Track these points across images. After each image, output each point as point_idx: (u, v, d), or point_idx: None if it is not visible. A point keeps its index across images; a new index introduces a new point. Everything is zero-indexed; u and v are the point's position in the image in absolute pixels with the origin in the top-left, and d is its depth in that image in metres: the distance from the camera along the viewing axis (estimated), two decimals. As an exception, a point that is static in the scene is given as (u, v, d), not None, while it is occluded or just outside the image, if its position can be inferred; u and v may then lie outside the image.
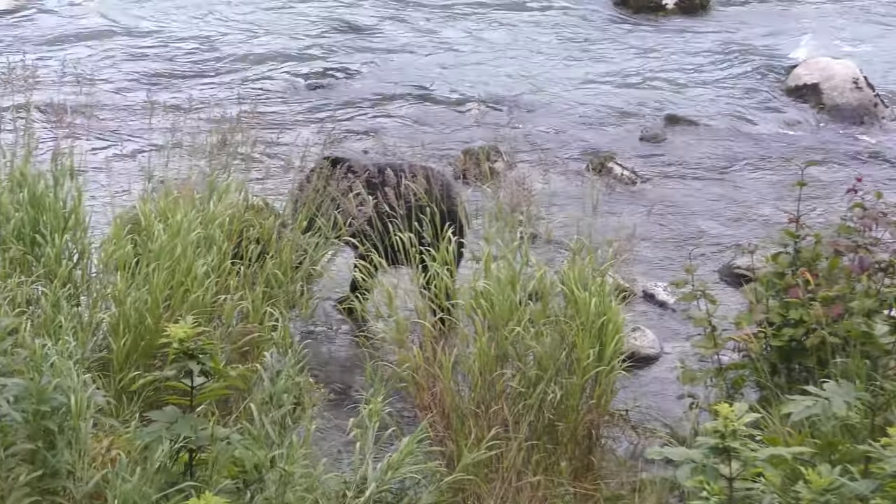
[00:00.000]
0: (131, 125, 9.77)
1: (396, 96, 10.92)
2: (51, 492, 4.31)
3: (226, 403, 5.72)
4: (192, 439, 4.49)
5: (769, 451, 4.12)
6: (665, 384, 6.69)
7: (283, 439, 4.86)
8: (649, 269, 8.00)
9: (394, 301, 6.24)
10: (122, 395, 5.54)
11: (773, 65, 11.77)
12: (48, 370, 4.46)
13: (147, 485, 4.31)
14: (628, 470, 5.74)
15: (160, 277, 5.91)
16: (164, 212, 6.37)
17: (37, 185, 6.21)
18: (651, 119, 10.65)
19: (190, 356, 4.60)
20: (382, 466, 4.89)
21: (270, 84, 11.04)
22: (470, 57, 11.98)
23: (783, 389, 5.57)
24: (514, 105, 10.82)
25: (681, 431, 5.88)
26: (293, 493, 4.62)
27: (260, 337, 6.12)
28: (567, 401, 5.70)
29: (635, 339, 7.03)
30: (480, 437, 5.42)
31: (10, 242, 6.00)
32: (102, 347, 5.76)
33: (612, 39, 12.54)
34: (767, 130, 10.50)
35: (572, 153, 9.90)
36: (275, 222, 6.74)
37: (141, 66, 11.23)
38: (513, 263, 6.01)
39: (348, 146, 9.52)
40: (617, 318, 5.83)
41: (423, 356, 5.77)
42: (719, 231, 8.71)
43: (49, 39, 11.66)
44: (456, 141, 10.06)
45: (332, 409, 6.16)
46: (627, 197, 9.17)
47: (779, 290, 5.86)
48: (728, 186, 9.45)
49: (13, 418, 4.18)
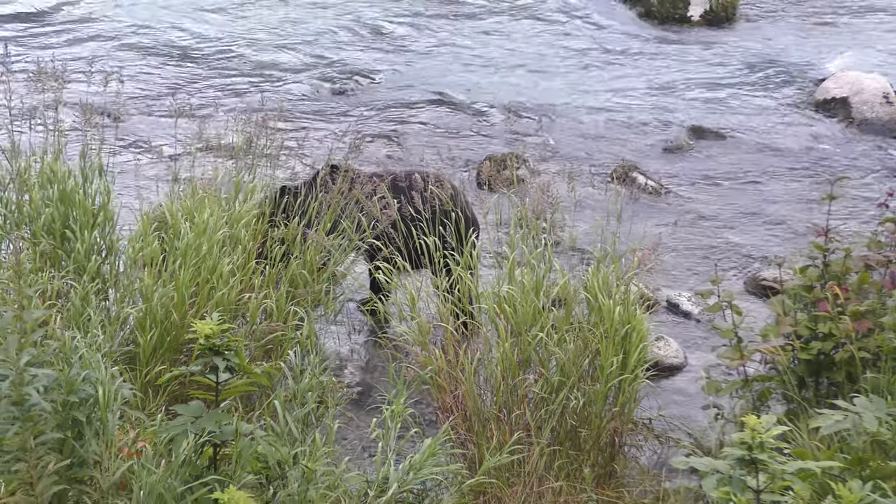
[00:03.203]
0: (158, 125, 9.83)
1: (420, 102, 10.95)
2: (78, 480, 4.34)
3: (249, 400, 5.75)
4: (216, 434, 4.50)
5: (798, 464, 4.09)
6: (689, 394, 6.67)
7: (306, 437, 4.87)
8: (673, 279, 7.99)
9: (416, 303, 6.24)
10: (148, 389, 5.58)
11: (800, 77, 11.73)
12: (77, 362, 4.48)
13: (172, 477, 4.32)
14: (651, 479, 5.72)
15: (186, 275, 5.94)
16: (191, 211, 6.41)
17: (66, 182, 6.26)
18: (676, 130, 10.63)
19: (215, 352, 4.61)
20: (404, 467, 4.89)
21: (296, 88, 11.09)
22: (494, 66, 12.00)
23: (811, 403, 5.54)
24: (539, 113, 10.82)
25: (705, 442, 5.86)
26: (315, 491, 4.62)
27: (283, 335, 6.14)
28: (590, 408, 5.68)
29: (659, 349, 7.01)
30: (502, 441, 5.41)
31: (41, 237, 6.05)
32: (129, 341, 5.80)
33: (637, 50, 12.53)
34: (794, 143, 10.46)
35: (596, 162, 9.89)
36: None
37: (168, 67, 11.30)
38: (536, 269, 6.00)
39: (370, 153, 9.55)
40: (641, 326, 5.81)
41: (445, 359, 5.77)
42: (744, 242, 8.68)
43: (77, 40, 11.76)
44: (480, 147, 10.08)
45: (354, 408, 6.18)
46: (651, 206, 9.15)
47: (807, 304, 5.83)
48: (753, 198, 9.42)
49: (43, 408, 4.21)
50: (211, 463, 4.51)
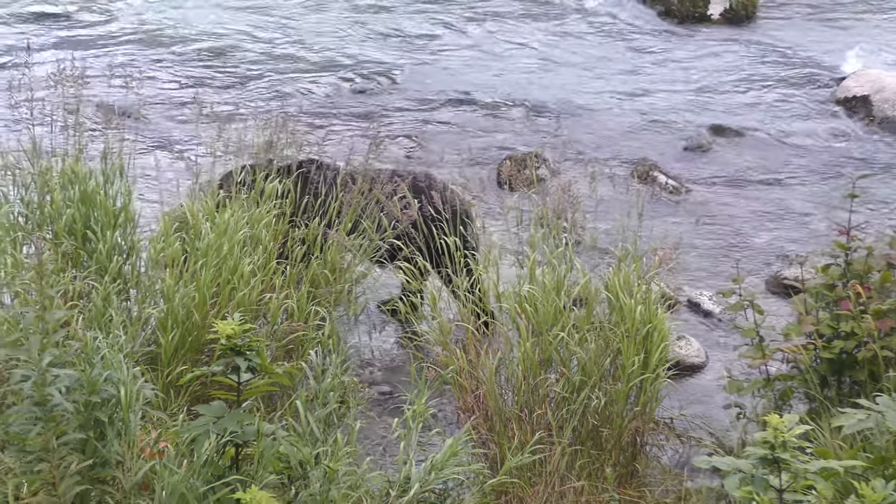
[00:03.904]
0: (179, 125, 9.86)
1: (440, 102, 10.94)
2: (100, 480, 4.35)
3: (271, 400, 5.76)
4: (238, 434, 4.51)
5: (820, 463, 4.07)
6: (710, 393, 6.65)
7: (328, 437, 4.88)
8: (694, 278, 7.96)
9: (437, 303, 6.24)
10: (170, 389, 5.59)
11: (820, 76, 11.67)
12: (99, 362, 4.49)
13: (194, 477, 4.33)
14: (673, 478, 5.70)
15: (207, 275, 5.96)
16: (212, 211, 6.43)
17: (88, 183, 6.28)
18: (696, 128, 10.59)
19: (237, 352, 4.62)
20: (426, 467, 4.88)
21: (316, 88, 11.10)
22: (514, 64, 11.98)
23: (833, 402, 5.51)
24: (559, 113, 10.80)
25: (727, 441, 5.84)
26: (337, 491, 4.63)
27: (305, 335, 6.14)
28: (611, 407, 5.67)
29: (680, 348, 6.99)
30: (524, 441, 5.40)
31: (62, 238, 6.08)
32: (151, 342, 5.82)
33: (657, 49, 12.49)
34: (815, 142, 10.40)
35: (616, 161, 9.86)
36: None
37: (188, 67, 11.33)
38: (557, 269, 5.99)
39: (391, 152, 9.56)
40: (662, 326, 5.80)
41: (466, 359, 5.76)
42: (765, 241, 8.64)
43: (98, 41, 11.80)
44: (500, 147, 10.06)
45: (375, 408, 6.18)
46: (672, 206, 9.12)
47: (829, 302, 5.80)
48: (774, 197, 9.37)
49: (65, 408, 4.22)
50: (233, 463, 4.52)
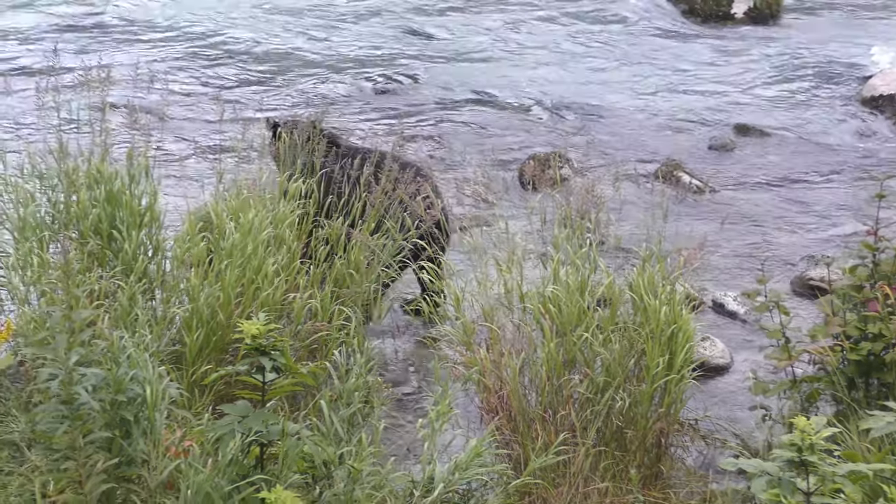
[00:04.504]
0: (203, 125, 9.89)
1: (463, 101, 10.94)
2: (126, 479, 4.38)
3: (295, 399, 5.76)
4: (263, 434, 4.52)
5: (849, 466, 4.03)
6: (735, 395, 6.61)
7: (352, 437, 4.88)
8: (719, 279, 7.92)
9: (461, 303, 6.23)
10: (195, 388, 5.61)
11: (845, 75, 11.59)
12: (125, 361, 4.52)
13: (219, 476, 4.35)
14: (698, 480, 5.67)
15: (232, 275, 5.97)
16: (236, 211, 6.45)
17: (113, 183, 6.31)
18: (720, 128, 10.54)
19: (262, 352, 4.63)
20: (450, 467, 4.88)
21: (338, 88, 11.12)
22: (537, 64, 11.97)
23: (860, 404, 5.47)
24: (582, 112, 10.78)
25: (752, 443, 5.80)
26: (361, 491, 4.63)
27: (328, 335, 6.15)
28: (636, 408, 5.64)
29: (705, 349, 6.95)
30: (548, 442, 5.38)
31: (88, 237, 6.11)
32: (176, 341, 5.84)
33: (681, 48, 12.45)
34: (841, 141, 10.33)
35: (640, 161, 9.82)
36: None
37: (212, 68, 11.38)
38: (581, 269, 5.97)
39: (413, 152, 9.56)
40: (687, 326, 5.76)
41: (490, 359, 5.75)
42: (790, 242, 8.59)
43: (123, 42, 11.88)
44: (522, 147, 10.05)
45: (399, 408, 6.18)
46: (696, 205, 9.08)
47: (856, 304, 5.76)
48: (799, 197, 9.32)
49: (91, 407, 4.24)
50: (257, 462, 4.53)
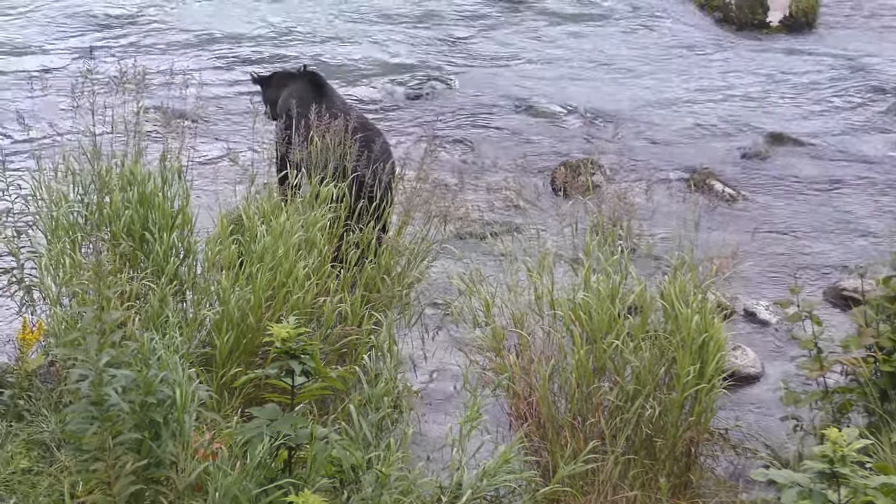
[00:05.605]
0: (236, 128, 9.93)
1: (495, 107, 10.92)
2: (154, 480, 4.40)
3: (324, 403, 5.76)
4: (292, 437, 4.53)
5: (881, 479, 4.00)
6: (766, 405, 6.55)
7: (380, 441, 4.88)
8: (751, 288, 7.84)
9: (491, 308, 6.21)
10: (224, 391, 5.62)
11: (882, 84, 11.47)
12: (155, 363, 4.54)
13: (247, 479, 4.36)
14: (728, 490, 5.62)
15: (263, 278, 5.99)
16: (267, 214, 6.47)
17: (146, 185, 6.35)
18: (754, 137, 10.45)
19: (292, 356, 4.65)
20: (478, 473, 4.87)
21: (370, 93, 11.13)
22: (569, 71, 11.92)
23: (893, 416, 5.41)
24: (614, 119, 10.73)
25: (783, 454, 5.75)
26: (389, 496, 4.63)
27: (358, 339, 6.15)
28: (666, 417, 5.61)
29: (736, 358, 6.89)
30: (577, 450, 5.36)
31: (120, 239, 6.15)
32: (206, 344, 5.85)
33: (715, 56, 12.37)
34: (876, 151, 10.22)
35: (672, 169, 9.76)
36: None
37: (244, 71, 11.41)
38: (612, 277, 5.94)
39: (446, 157, 9.56)
40: (718, 335, 5.73)
41: (519, 365, 5.73)
42: (824, 251, 8.50)
43: (158, 45, 11.95)
44: (554, 153, 10.01)
45: (428, 413, 6.17)
46: (729, 214, 9.01)
47: (890, 315, 5.70)
48: (833, 207, 9.23)
49: (121, 408, 4.27)
50: (286, 466, 4.55)
